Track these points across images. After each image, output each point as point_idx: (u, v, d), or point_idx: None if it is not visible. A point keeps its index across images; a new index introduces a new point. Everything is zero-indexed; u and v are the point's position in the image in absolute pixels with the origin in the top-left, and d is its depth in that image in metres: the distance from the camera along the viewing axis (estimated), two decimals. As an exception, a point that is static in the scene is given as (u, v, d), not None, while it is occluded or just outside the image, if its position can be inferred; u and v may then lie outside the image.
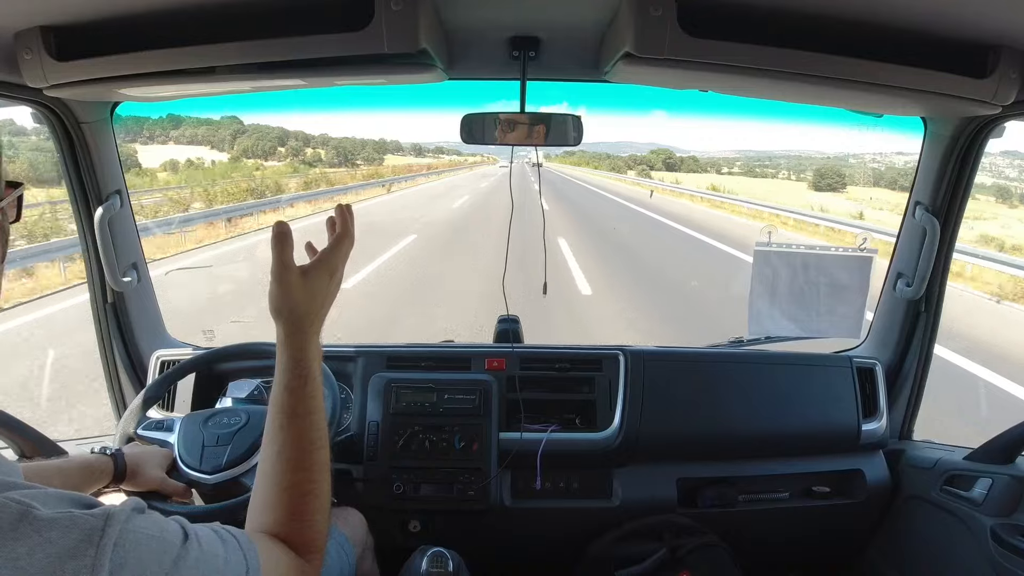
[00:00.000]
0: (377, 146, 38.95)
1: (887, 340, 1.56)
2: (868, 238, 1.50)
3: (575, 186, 23.84)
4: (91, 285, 1.47)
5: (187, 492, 1.08)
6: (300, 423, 0.68)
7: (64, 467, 0.94)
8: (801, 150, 32.09)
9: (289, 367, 0.69)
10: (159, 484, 1.05)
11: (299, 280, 0.70)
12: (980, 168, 1.33)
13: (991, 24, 0.86)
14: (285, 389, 0.68)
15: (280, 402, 0.68)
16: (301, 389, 0.68)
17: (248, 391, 1.50)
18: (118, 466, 1.00)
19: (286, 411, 0.68)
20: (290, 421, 0.67)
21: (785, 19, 0.87)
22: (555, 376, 1.52)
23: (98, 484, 0.98)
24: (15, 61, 0.93)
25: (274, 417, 0.68)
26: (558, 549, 1.50)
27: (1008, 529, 1.21)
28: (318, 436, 0.69)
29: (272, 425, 0.68)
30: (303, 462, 0.67)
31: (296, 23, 0.87)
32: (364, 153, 36.55)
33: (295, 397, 0.68)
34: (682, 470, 1.48)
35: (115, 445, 1.13)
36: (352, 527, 1.22)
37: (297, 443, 0.67)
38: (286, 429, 0.67)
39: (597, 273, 7.10)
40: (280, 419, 0.67)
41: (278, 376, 0.69)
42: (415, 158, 44.58)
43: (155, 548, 0.45)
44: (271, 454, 0.67)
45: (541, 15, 1.05)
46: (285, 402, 0.68)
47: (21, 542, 0.39)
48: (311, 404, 0.69)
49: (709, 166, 35.03)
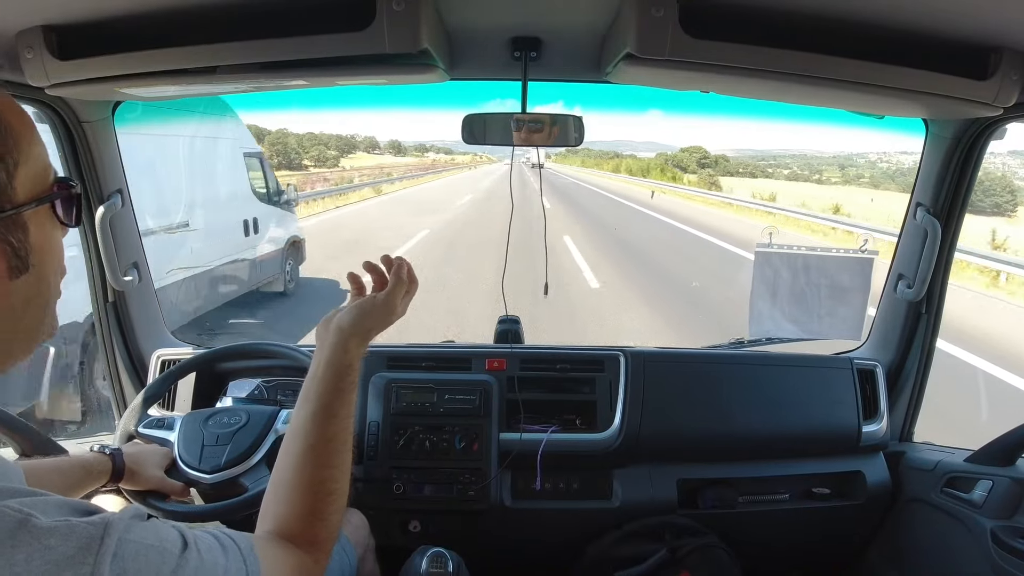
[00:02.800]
0: (344, 143, 34.96)
1: (888, 342, 1.56)
2: (869, 239, 1.50)
3: (594, 198, 19.26)
4: (92, 284, 1.47)
5: (186, 491, 1.08)
6: (338, 423, 0.70)
7: (63, 466, 0.94)
8: (800, 149, 31.21)
9: (340, 373, 0.72)
10: (158, 483, 1.06)
11: (384, 306, 0.79)
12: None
13: (992, 26, 0.86)
14: (335, 389, 0.71)
15: (325, 401, 0.71)
16: (348, 391, 0.72)
17: (248, 391, 1.50)
18: (117, 465, 1.01)
19: (329, 410, 0.70)
20: (329, 420, 0.70)
21: (787, 20, 0.87)
22: (555, 377, 1.51)
23: (97, 483, 0.98)
24: (17, 60, 0.93)
25: (312, 414, 0.70)
26: (558, 550, 1.50)
27: (1008, 531, 1.21)
28: (349, 437, 0.72)
29: (305, 421, 0.70)
30: (332, 460, 0.69)
31: (298, 23, 0.87)
32: (315, 151, 32.36)
33: (341, 399, 0.71)
34: (682, 471, 1.47)
35: (115, 443, 1.13)
36: (354, 528, 1.22)
37: (331, 441, 0.69)
38: (323, 426, 0.69)
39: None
40: (321, 417, 0.70)
41: (328, 377, 0.72)
42: (394, 157, 40.18)
43: (153, 558, 0.45)
44: (301, 449, 0.69)
45: (543, 16, 1.04)
46: (331, 402, 0.71)
47: (19, 550, 0.39)
48: (351, 408, 0.73)
49: (741, 168, 31.63)
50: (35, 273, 0.50)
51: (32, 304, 0.51)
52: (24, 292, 0.50)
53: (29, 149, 0.49)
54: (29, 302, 0.51)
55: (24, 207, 0.48)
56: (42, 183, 0.51)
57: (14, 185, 0.47)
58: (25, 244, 0.49)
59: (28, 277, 0.49)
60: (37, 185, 0.50)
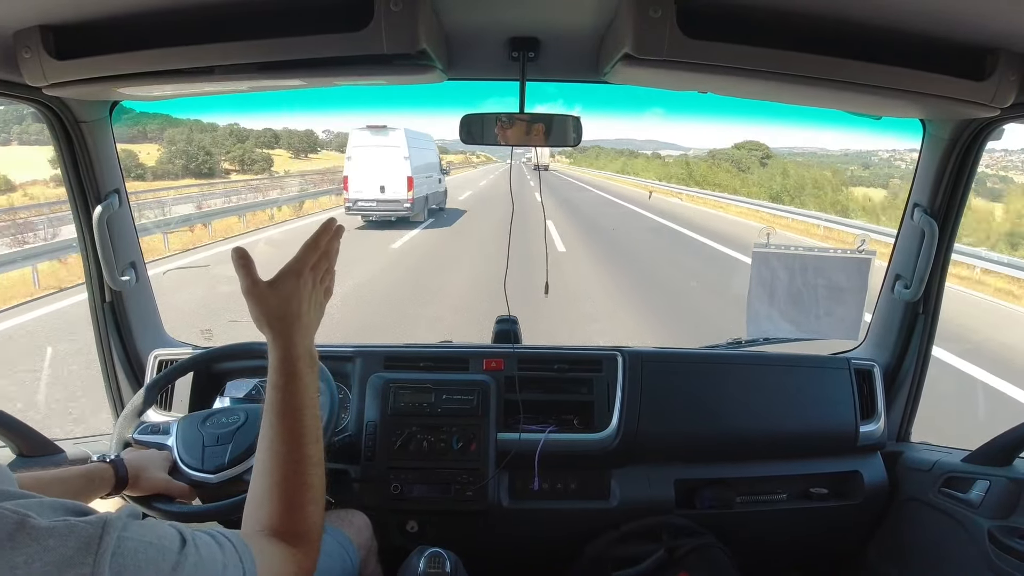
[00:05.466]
0: (263, 140, 27.43)
1: (885, 342, 1.56)
2: (866, 239, 1.50)
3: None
4: (89, 284, 1.47)
5: (191, 493, 1.08)
6: (289, 419, 0.72)
7: (64, 476, 0.93)
8: (803, 148, 29.81)
9: (276, 367, 0.74)
10: (164, 486, 1.05)
11: (268, 290, 0.75)
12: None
13: (990, 27, 0.86)
14: (274, 387, 0.73)
15: (270, 400, 0.73)
16: (287, 387, 0.73)
17: (246, 390, 1.50)
18: (120, 474, 1.00)
19: (275, 408, 0.72)
20: (279, 418, 0.72)
21: (784, 21, 0.88)
22: (553, 377, 1.51)
23: (99, 492, 0.97)
24: (14, 60, 0.93)
25: (265, 415, 0.73)
26: (556, 550, 1.50)
27: (1005, 531, 1.21)
28: (308, 431, 0.72)
29: (264, 422, 0.72)
30: (293, 455, 0.70)
31: (295, 23, 0.87)
32: (237, 151, 24.38)
33: (282, 395, 0.72)
34: (680, 471, 1.48)
35: (112, 451, 1.12)
36: (356, 530, 1.22)
37: (287, 438, 0.71)
38: (275, 425, 0.71)
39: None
40: (270, 416, 0.72)
41: (268, 377, 0.74)
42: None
43: (153, 555, 0.45)
44: (263, 449, 0.71)
45: (540, 16, 1.05)
46: (274, 400, 0.72)
47: (19, 551, 0.39)
48: (298, 401, 0.73)
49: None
50: None
51: None
52: None
53: None
54: None
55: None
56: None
57: None
58: None
59: None
60: None
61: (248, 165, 25.12)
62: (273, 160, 26.91)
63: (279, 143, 30.68)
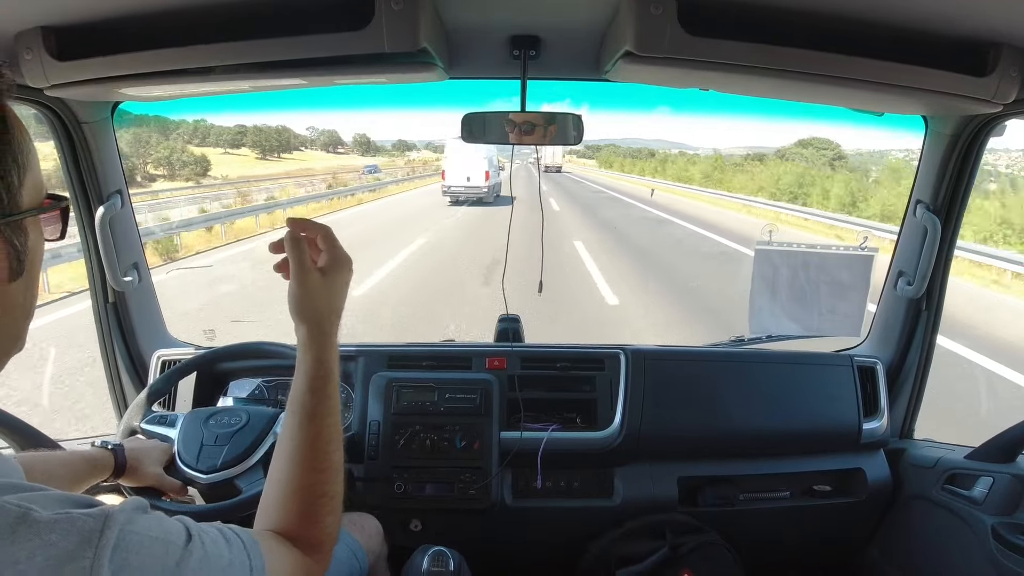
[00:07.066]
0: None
1: (888, 339, 1.56)
2: (869, 236, 1.50)
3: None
4: (92, 285, 1.47)
5: (183, 490, 1.08)
6: (319, 424, 0.67)
7: (68, 458, 0.95)
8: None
9: (312, 368, 0.68)
10: (156, 480, 1.06)
11: (320, 281, 0.70)
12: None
13: (991, 22, 0.86)
14: (308, 391, 0.68)
15: (302, 403, 0.68)
16: (322, 390, 0.68)
17: (249, 391, 1.50)
18: (118, 460, 1.01)
19: (307, 412, 0.67)
20: (310, 422, 0.67)
21: (785, 17, 0.87)
22: (556, 375, 1.51)
23: (100, 477, 0.99)
24: (16, 61, 0.93)
25: (294, 417, 0.68)
26: (559, 548, 1.50)
27: (1009, 528, 1.21)
28: (335, 438, 0.69)
29: (291, 425, 0.68)
30: (319, 463, 0.67)
31: (296, 23, 0.87)
32: (163, 151, 20.44)
33: (316, 398, 0.68)
34: (683, 469, 1.48)
35: (117, 438, 1.13)
36: (367, 534, 1.20)
37: (314, 444, 0.67)
38: (305, 429, 0.67)
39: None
40: (300, 419, 0.67)
41: (300, 378, 0.69)
42: (360, 157, 24.51)
43: (157, 550, 0.45)
44: (288, 452, 0.67)
45: (541, 14, 1.04)
46: (307, 403, 0.68)
47: (20, 545, 0.39)
48: (331, 405, 0.69)
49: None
50: (26, 279, 0.51)
51: (17, 310, 0.51)
52: (14, 297, 0.50)
53: (32, 158, 0.50)
54: (15, 308, 0.51)
55: (28, 212, 0.49)
56: (39, 193, 0.51)
57: (22, 191, 0.48)
58: (25, 248, 0.49)
59: (21, 282, 0.50)
60: (36, 194, 0.51)
61: (178, 169, 21.08)
62: (210, 162, 23.02)
63: (245, 141, 26.48)
